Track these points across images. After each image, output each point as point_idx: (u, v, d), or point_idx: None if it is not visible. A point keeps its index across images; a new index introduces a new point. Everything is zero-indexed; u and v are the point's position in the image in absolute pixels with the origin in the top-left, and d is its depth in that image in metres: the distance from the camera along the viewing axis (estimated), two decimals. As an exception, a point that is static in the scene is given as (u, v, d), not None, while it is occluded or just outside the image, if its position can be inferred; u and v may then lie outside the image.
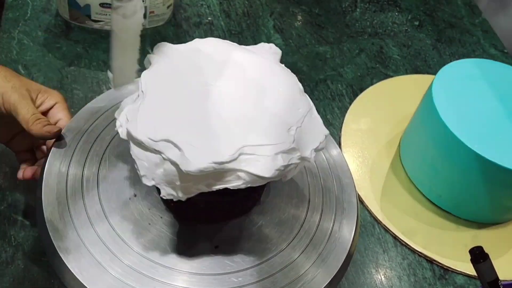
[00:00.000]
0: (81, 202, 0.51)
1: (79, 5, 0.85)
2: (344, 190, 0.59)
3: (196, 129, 0.45)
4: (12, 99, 0.55)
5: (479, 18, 1.09)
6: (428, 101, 0.73)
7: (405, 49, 1.00)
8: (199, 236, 0.52)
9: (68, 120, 0.58)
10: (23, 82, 0.57)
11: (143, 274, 0.48)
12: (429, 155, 0.74)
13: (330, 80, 0.91)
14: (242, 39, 0.93)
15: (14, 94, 0.55)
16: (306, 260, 0.52)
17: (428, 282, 0.69)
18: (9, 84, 0.55)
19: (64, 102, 0.59)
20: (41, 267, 0.61)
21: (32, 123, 0.54)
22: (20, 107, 0.54)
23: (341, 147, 0.81)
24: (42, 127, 0.54)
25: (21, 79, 0.57)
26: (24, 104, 0.55)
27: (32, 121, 0.54)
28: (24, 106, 0.55)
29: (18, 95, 0.55)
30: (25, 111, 0.54)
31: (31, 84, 0.58)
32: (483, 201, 0.73)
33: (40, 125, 0.54)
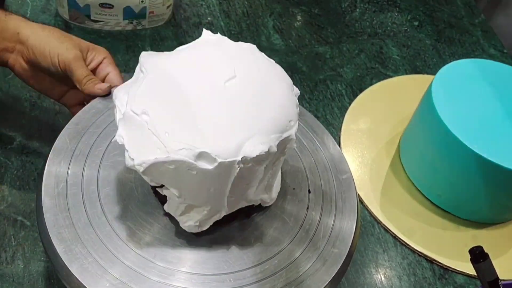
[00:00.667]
0: (81, 202, 0.51)
1: (79, 5, 0.85)
2: (344, 190, 0.59)
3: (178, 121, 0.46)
4: (68, 59, 0.59)
5: (479, 18, 1.09)
6: (427, 101, 0.73)
7: (404, 49, 1.00)
8: (199, 236, 0.52)
9: (116, 73, 0.62)
10: (75, 42, 0.62)
11: (143, 274, 0.48)
12: (429, 155, 0.74)
13: (329, 80, 0.91)
14: (242, 39, 0.93)
15: (69, 55, 0.60)
16: (306, 260, 0.52)
17: (428, 282, 0.69)
18: (63, 45, 0.60)
19: (111, 57, 0.64)
20: (41, 267, 0.61)
21: (85, 83, 0.59)
22: (75, 68, 0.60)
23: (341, 147, 0.81)
24: (93, 86, 0.60)
25: (73, 39, 0.62)
26: (78, 65, 0.60)
27: (85, 82, 0.60)
28: (78, 67, 0.60)
29: (72, 56, 0.60)
30: (79, 72, 0.60)
31: (81, 42, 0.62)
32: (483, 201, 0.73)
33: (92, 84, 0.60)
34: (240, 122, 0.46)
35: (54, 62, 0.59)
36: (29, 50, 0.60)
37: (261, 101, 0.48)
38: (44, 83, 0.64)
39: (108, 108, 0.60)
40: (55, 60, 0.59)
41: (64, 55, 0.59)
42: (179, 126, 0.45)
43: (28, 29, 0.61)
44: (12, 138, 0.71)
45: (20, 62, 0.62)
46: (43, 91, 0.66)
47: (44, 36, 0.60)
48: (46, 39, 0.60)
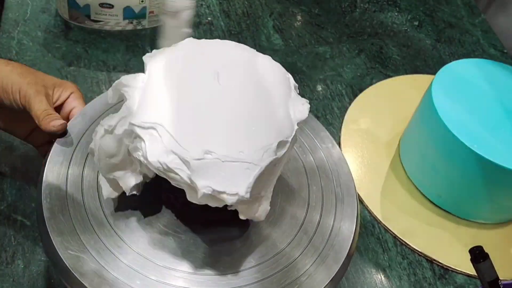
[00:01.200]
0: (81, 202, 0.51)
1: (79, 5, 0.85)
2: (344, 190, 0.59)
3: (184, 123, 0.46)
4: (27, 95, 0.57)
5: (479, 18, 1.09)
6: (427, 101, 0.73)
7: (404, 49, 1.00)
8: (199, 236, 0.52)
9: (81, 107, 0.59)
10: (39, 78, 0.59)
11: (143, 274, 0.48)
12: (429, 155, 0.74)
13: (329, 80, 0.91)
14: (242, 39, 0.93)
15: (30, 90, 0.57)
16: (306, 260, 0.52)
17: (428, 282, 0.69)
18: (25, 80, 0.57)
19: (78, 91, 0.61)
20: (41, 267, 0.61)
21: (42, 118, 0.56)
22: (34, 103, 0.56)
23: (341, 147, 0.81)
24: (49, 122, 0.56)
25: (37, 75, 0.59)
26: (38, 100, 0.57)
27: (42, 117, 0.56)
28: (37, 102, 0.56)
29: (33, 91, 0.57)
30: (37, 107, 0.56)
31: (46, 79, 0.60)
32: (483, 201, 0.73)
33: (48, 120, 0.56)
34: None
35: (16, 98, 0.57)
36: None
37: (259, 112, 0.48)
38: (9, 122, 0.62)
39: (108, 108, 0.60)
40: (16, 96, 0.57)
41: (25, 90, 0.57)
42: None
43: None
44: (12, 138, 0.71)
45: None
46: (8, 130, 0.63)
47: (7, 71, 0.58)
48: (9, 74, 0.57)
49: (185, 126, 0.46)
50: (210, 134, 0.46)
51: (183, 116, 0.46)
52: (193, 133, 0.46)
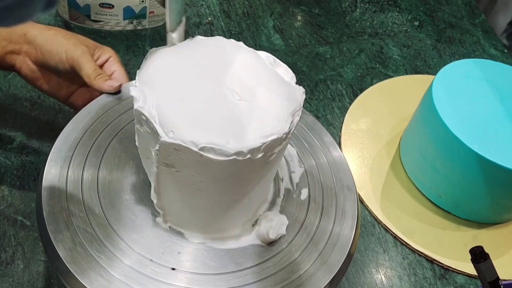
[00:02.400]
0: (80, 203, 0.51)
1: (79, 5, 0.85)
2: (344, 190, 0.59)
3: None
4: (75, 55, 0.59)
5: (479, 18, 1.09)
6: (428, 101, 0.73)
7: (405, 49, 1.00)
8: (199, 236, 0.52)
9: (122, 71, 0.63)
10: (81, 39, 0.62)
11: (143, 274, 0.48)
12: (429, 155, 0.74)
13: (330, 80, 0.91)
14: (242, 39, 0.93)
15: (77, 51, 0.60)
16: (306, 260, 0.52)
17: (429, 282, 0.69)
18: (70, 41, 0.60)
19: (116, 56, 0.64)
20: (41, 267, 0.61)
21: (94, 77, 0.59)
22: (83, 63, 0.59)
23: (341, 147, 0.81)
24: (104, 81, 0.59)
25: (79, 37, 0.63)
26: (86, 60, 0.60)
27: (94, 76, 0.59)
28: (86, 62, 0.59)
29: (80, 52, 0.60)
30: (87, 67, 0.59)
31: (87, 40, 0.63)
32: (483, 201, 0.73)
33: (102, 80, 0.59)
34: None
35: (62, 59, 0.59)
36: (37, 49, 0.61)
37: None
38: (51, 84, 0.64)
39: (108, 108, 0.60)
40: (62, 56, 0.59)
41: (71, 51, 0.59)
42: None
43: (35, 29, 0.61)
44: (12, 138, 0.71)
45: (27, 63, 0.62)
46: (50, 92, 0.65)
47: (50, 34, 0.61)
48: (53, 37, 0.60)
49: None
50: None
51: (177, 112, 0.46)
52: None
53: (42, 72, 0.63)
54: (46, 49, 0.60)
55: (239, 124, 0.45)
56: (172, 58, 0.50)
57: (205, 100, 0.47)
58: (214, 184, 0.47)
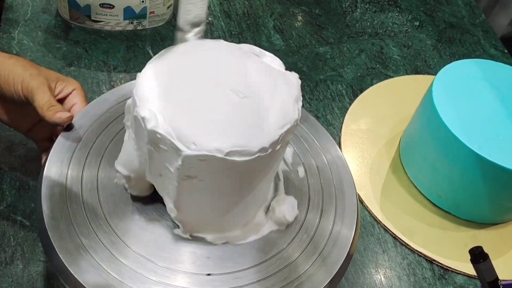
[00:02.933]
0: (80, 203, 0.51)
1: (79, 5, 0.85)
2: (344, 190, 0.59)
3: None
4: (30, 86, 0.57)
5: (479, 18, 1.09)
6: (428, 101, 0.73)
7: (405, 50, 1.00)
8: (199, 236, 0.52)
9: (83, 105, 0.60)
10: (41, 71, 0.59)
11: (143, 274, 0.48)
12: (429, 155, 0.74)
13: (330, 81, 0.91)
14: (242, 39, 0.93)
15: (32, 82, 0.57)
16: (306, 260, 0.52)
17: (428, 282, 0.69)
18: (28, 72, 0.58)
19: (81, 89, 0.61)
20: (41, 267, 0.61)
21: (46, 109, 0.56)
22: (37, 94, 0.56)
23: (341, 147, 0.81)
24: (54, 113, 0.56)
25: (40, 69, 0.60)
26: (41, 91, 0.57)
27: (46, 108, 0.56)
28: (40, 93, 0.57)
29: (36, 83, 0.57)
30: (41, 98, 0.56)
31: (49, 73, 0.60)
32: (483, 201, 0.72)
33: (53, 112, 0.56)
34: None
35: (18, 90, 0.57)
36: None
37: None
38: (11, 115, 0.61)
39: (108, 108, 0.60)
40: (18, 87, 0.57)
41: (27, 82, 0.57)
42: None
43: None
44: (12, 138, 0.71)
45: None
46: (10, 124, 0.63)
47: (10, 63, 0.58)
48: (11, 67, 0.58)
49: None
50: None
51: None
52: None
53: (1, 103, 0.60)
54: (3, 79, 0.57)
55: (253, 121, 0.46)
56: (166, 67, 0.50)
57: (212, 104, 0.47)
58: (236, 184, 0.48)
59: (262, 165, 0.47)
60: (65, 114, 0.56)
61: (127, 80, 0.81)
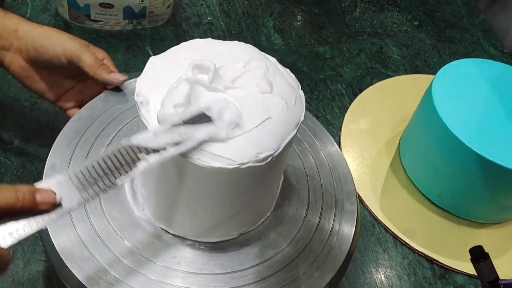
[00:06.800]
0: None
1: (79, 5, 0.85)
2: (344, 190, 0.59)
3: None
4: (73, 47, 0.58)
5: (479, 18, 1.09)
6: (428, 101, 0.73)
7: (405, 49, 1.00)
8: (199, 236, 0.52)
9: (116, 71, 0.60)
10: (75, 36, 0.60)
11: (143, 274, 0.48)
12: (429, 155, 0.74)
13: (329, 80, 0.91)
14: (242, 39, 0.93)
15: (74, 43, 0.58)
16: (306, 260, 0.52)
17: (428, 282, 0.69)
18: (65, 35, 0.59)
19: (110, 58, 0.62)
20: (41, 266, 0.61)
21: (97, 68, 0.57)
22: (83, 53, 0.57)
23: (341, 147, 0.81)
24: (108, 72, 0.57)
25: (70, 35, 0.60)
26: (85, 50, 0.58)
27: (97, 66, 0.57)
28: (86, 52, 0.58)
29: (77, 44, 0.58)
30: (87, 57, 0.57)
31: (80, 40, 0.61)
32: (483, 201, 0.73)
33: (105, 71, 0.57)
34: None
35: (57, 53, 0.58)
36: (29, 45, 0.59)
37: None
38: (41, 84, 0.62)
39: (108, 107, 0.60)
40: (58, 50, 0.58)
41: (68, 44, 0.58)
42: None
43: (27, 26, 0.60)
44: (12, 138, 0.71)
45: (17, 60, 0.60)
46: (39, 92, 0.63)
47: (43, 30, 0.59)
48: (46, 32, 0.59)
49: None
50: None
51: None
52: None
53: (33, 70, 0.61)
54: (39, 44, 0.58)
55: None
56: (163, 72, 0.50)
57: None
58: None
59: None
60: (120, 75, 0.58)
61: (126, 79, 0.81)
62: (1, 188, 0.38)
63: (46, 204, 0.39)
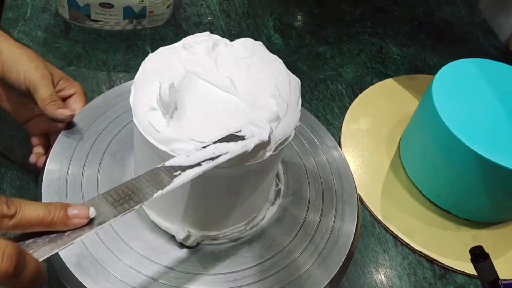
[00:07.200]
0: (81, 202, 0.51)
1: (79, 5, 0.85)
2: (344, 190, 0.59)
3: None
4: (34, 77, 0.56)
5: (479, 18, 1.09)
6: (428, 101, 0.73)
7: (405, 49, 1.00)
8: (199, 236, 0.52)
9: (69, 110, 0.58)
10: (47, 66, 0.59)
11: (143, 274, 0.48)
12: (429, 155, 0.74)
13: (330, 80, 0.91)
14: (242, 39, 0.93)
15: (36, 73, 0.57)
16: (306, 260, 0.52)
17: (429, 282, 0.69)
18: (33, 64, 0.57)
19: (83, 94, 0.61)
20: (41, 267, 0.61)
21: (48, 103, 0.56)
22: (40, 86, 0.56)
23: (341, 147, 0.81)
24: (56, 108, 0.56)
25: (46, 63, 0.59)
26: (44, 84, 0.56)
27: (48, 101, 0.56)
28: (43, 86, 0.56)
29: (39, 75, 0.57)
30: (43, 91, 0.56)
31: (55, 69, 0.60)
32: (483, 201, 0.73)
33: (55, 107, 0.56)
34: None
35: (19, 79, 0.57)
36: (1, 64, 0.58)
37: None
38: (11, 103, 0.62)
39: (108, 107, 0.60)
40: (20, 77, 0.57)
41: (30, 73, 0.57)
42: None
43: (5, 45, 0.59)
44: (12, 138, 0.71)
45: None
46: (7, 111, 0.63)
47: (17, 53, 0.58)
48: (18, 56, 0.58)
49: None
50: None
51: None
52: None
53: (3, 89, 0.60)
54: (7, 67, 0.57)
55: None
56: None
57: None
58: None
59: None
60: (67, 111, 0.56)
61: (126, 79, 0.81)
62: (34, 205, 0.38)
63: (79, 218, 0.39)
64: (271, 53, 0.54)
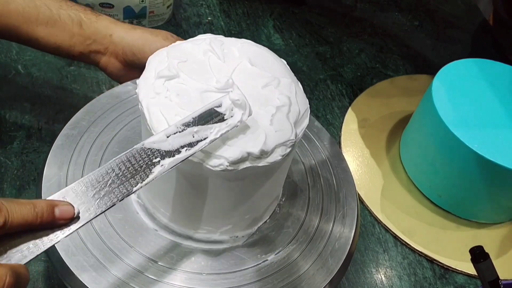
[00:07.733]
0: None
1: (79, 5, 0.85)
2: (344, 190, 0.59)
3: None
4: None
5: (479, 18, 1.09)
6: (428, 101, 0.73)
7: (405, 49, 1.00)
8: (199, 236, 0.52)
9: None
10: (166, 34, 0.63)
11: (143, 274, 0.48)
12: (429, 155, 0.74)
13: (330, 80, 0.91)
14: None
15: (166, 44, 0.58)
16: (306, 260, 0.52)
17: (429, 282, 0.69)
18: (159, 37, 0.62)
19: None
20: (41, 267, 0.61)
21: None
22: None
23: (341, 147, 0.81)
24: None
25: (162, 32, 0.63)
26: None
27: None
28: None
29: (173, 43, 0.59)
30: None
31: (173, 35, 0.64)
32: (483, 201, 0.73)
33: None
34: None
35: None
36: (126, 49, 0.61)
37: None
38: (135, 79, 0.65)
39: (108, 107, 0.60)
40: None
41: (165, 45, 0.58)
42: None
43: (121, 31, 0.62)
44: (12, 138, 0.71)
45: (113, 62, 0.63)
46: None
47: (138, 34, 0.62)
48: (141, 36, 0.61)
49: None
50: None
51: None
52: None
53: (128, 70, 0.64)
54: (137, 49, 0.61)
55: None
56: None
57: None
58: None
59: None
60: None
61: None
62: (19, 204, 0.37)
63: (65, 219, 0.39)
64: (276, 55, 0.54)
